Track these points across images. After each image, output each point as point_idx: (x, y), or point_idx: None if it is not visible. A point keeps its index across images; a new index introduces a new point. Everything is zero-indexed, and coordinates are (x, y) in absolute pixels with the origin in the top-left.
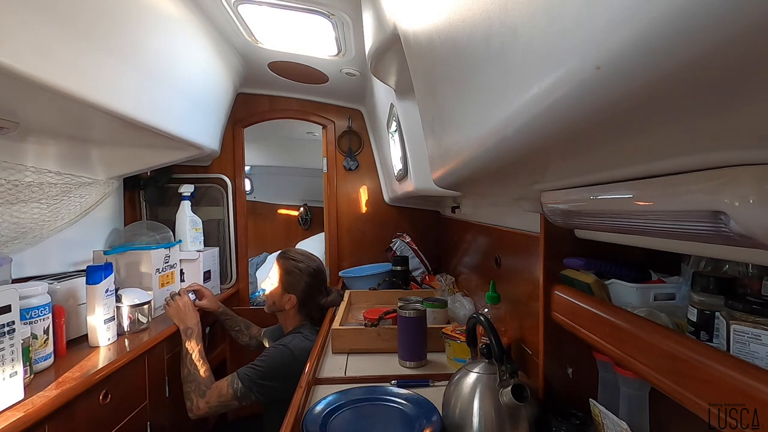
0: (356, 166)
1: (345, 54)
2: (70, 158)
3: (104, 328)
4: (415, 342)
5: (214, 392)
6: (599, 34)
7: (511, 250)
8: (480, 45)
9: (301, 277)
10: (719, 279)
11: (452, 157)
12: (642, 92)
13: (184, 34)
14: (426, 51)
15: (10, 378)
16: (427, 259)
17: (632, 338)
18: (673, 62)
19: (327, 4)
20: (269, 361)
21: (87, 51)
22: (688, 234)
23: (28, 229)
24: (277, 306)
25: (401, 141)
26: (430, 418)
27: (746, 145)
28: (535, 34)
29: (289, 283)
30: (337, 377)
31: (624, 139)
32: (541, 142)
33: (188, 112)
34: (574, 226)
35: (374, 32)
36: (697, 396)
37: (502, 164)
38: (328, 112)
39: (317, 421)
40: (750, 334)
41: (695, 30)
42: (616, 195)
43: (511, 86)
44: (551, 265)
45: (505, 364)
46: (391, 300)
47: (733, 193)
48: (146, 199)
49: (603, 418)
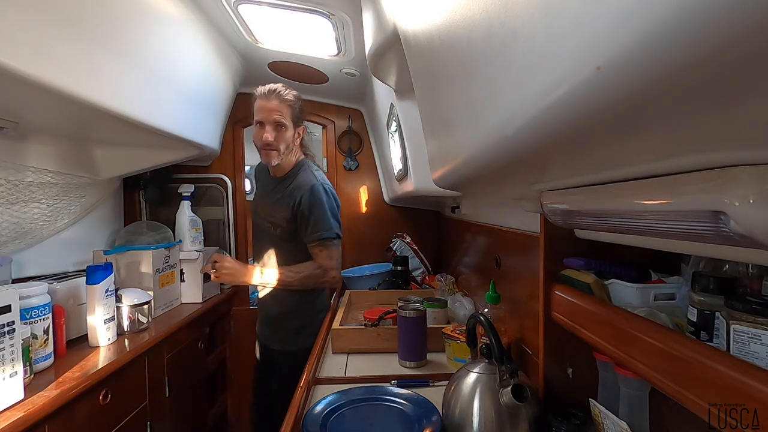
0: (356, 166)
1: (345, 54)
2: (70, 158)
3: (104, 328)
4: (415, 342)
5: (328, 262)
6: (599, 34)
7: (511, 250)
8: (480, 45)
9: (297, 103)
10: (719, 279)
11: (452, 157)
12: (642, 92)
13: (185, 34)
14: (426, 51)
15: (10, 378)
16: (427, 259)
17: (632, 338)
18: (672, 62)
19: (327, 4)
20: (320, 206)
21: (87, 51)
22: (688, 234)
23: (28, 229)
24: (290, 147)
25: (401, 141)
26: (430, 418)
27: (746, 145)
28: (535, 34)
29: (296, 116)
30: (337, 377)
31: (624, 139)
32: (541, 142)
33: (188, 112)
34: (574, 226)
35: (374, 32)
36: (697, 396)
37: (502, 164)
38: (328, 112)
39: (317, 421)
40: (750, 334)
41: (695, 30)
42: (615, 195)
43: (511, 86)
44: (551, 265)
45: (505, 364)
46: (391, 300)
47: (733, 193)
48: (146, 199)
49: (603, 418)
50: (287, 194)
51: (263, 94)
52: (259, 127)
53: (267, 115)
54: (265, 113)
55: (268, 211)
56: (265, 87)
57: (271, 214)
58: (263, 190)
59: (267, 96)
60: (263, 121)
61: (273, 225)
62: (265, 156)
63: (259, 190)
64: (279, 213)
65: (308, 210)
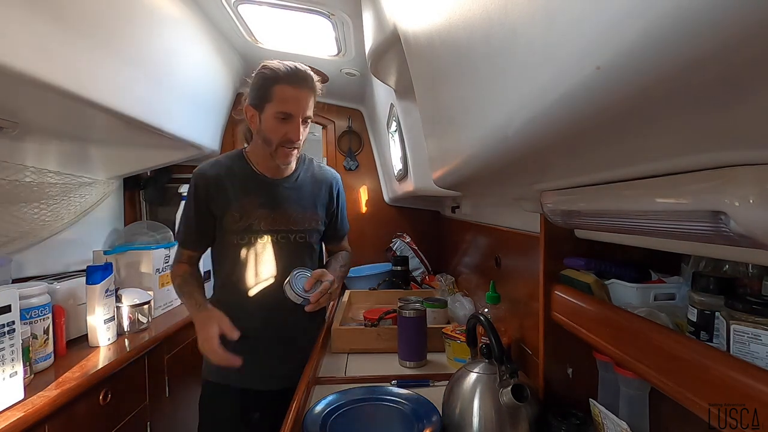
0: (356, 166)
1: (345, 54)
2: (70, 158)
3: (104, 328)
4: (415, 342)
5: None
6: (599, 34)
7: (511, 250)
8: (480, 45)
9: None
10: (719, 279)
11: (452, 157)
12: (642, 92)
13: (185, 34)
14: (426, 51)
15: (10, 378)
16: (427, 259)
17: (632, 338)
18: (673, 62)
19: (327, 4)
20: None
21: (87, 51)
22: (688, 234)
23: (28, 229)
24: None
25: (401, 141)
26: (430, 418)
27: (747, 145)
28: (535, 34)
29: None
30: (337, 377)
31: (624, 139)
32: (541, 142)
33: (188, 112)
34: (574, 226)
35: (374, 32)
36: (697, 396)
37: (502, 164)
38: (328, 112)
39: (317, 421)
40: (750, 334)
41: (695, 30)
42: (616, 195)
43: (511, 86)
44: (551, 265)
45: (505, 364)
46: (391, 300)
47: (733, 193)
48: (146, 199)
49: (603, 418)
50: (311, 192)
51: (293, 78)
52: (283, 121)
53: (298, 108)
54: (296, 105)
55: (285, 218)
56: (290, 67)
57: (292, 220)
58: (257, 197)
59: (299, 82)
60: (293, 114)
61: (296, 233)
62: (285, 156)
63: (246, 198)
64: (307, 215)
65: (343, 200)
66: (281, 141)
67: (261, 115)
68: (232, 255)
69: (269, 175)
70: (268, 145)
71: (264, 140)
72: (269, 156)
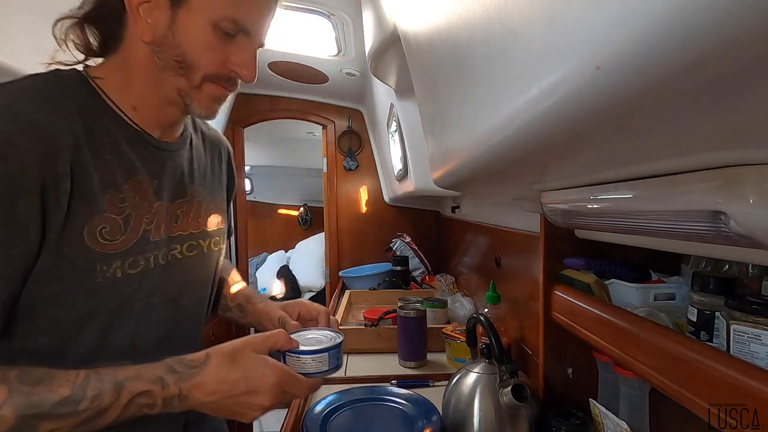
0: (356, 166)
1: (345, 54)
2: None
3: None
4: (415, 342)
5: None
6: (599, 34)
7: (511, 250)
8: (480, 45)
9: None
10: (719, 279)
11: (452, 157)
12: (642, 92)
13: None
14: (426, 51)
15: None
16: (427, 259)
17: (632, 338)
18: (673, 62)
19: (327, 4)
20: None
21: None
22: (688, 234)
23: None
24: None
25: (401, 141)
26: (430, 418)
27: (746, 145)
28: (535, 34)
29: None
30: (337, 377)
31: (624, 139)
32: (541, 142)
33: None
34: (574, 226)
35: (374, 32)
36: (697, 396)
37: (502, 164)
38: (328, 112)
39: (317, 421)
40: (750, 334)
41: (695, 30)
42: (616, 195)
43: (511, 86)
44: (551, 265)
45: (505, 364)
46: (391, 300)
47: (733, 193)
48: None
49: (603, 418)
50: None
51: None
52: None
53: (262, 22)
54: (259, 17)
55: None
56: None
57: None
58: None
59: None
60: (251, 31)
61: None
62: (213, 101)
63: (131, 182)
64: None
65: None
66: (217, 73)
67: (177, 12)
68: (99, 316)
69: (157, 135)
70: (181, 73)
71: (172, 62)
72: (170, 96)
